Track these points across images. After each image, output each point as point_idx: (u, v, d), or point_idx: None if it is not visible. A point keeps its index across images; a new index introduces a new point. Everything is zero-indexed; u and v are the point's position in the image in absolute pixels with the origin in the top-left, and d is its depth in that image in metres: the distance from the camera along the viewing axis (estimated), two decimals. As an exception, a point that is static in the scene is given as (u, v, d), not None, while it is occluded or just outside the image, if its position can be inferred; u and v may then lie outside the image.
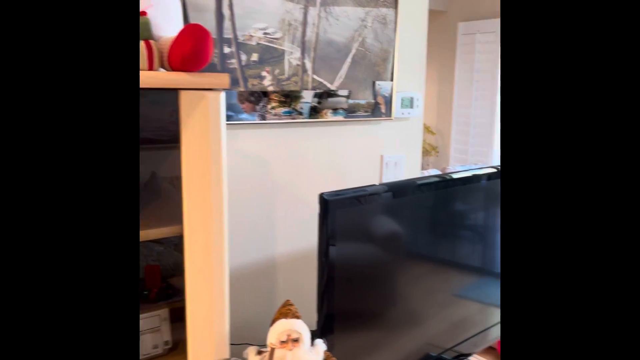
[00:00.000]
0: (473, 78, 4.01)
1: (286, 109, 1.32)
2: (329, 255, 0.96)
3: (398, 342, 1.11)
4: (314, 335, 0.96)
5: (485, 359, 2.28)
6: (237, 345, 1.19)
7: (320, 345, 0.90)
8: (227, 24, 1.20)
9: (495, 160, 4.01)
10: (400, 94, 1.54)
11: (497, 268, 1.35)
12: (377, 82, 1.47)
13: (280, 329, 0.86)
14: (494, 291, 1.36)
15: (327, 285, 0.96)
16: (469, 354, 1.34)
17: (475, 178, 1.23)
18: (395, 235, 1.09)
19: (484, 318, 1.34)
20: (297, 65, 1.32)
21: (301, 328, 0.87)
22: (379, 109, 1.48)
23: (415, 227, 1.12)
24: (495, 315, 1.39)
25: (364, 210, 1.02)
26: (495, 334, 1.41)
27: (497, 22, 3.78)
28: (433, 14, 4.18)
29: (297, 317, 0.89)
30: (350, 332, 1.01)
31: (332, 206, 0.96)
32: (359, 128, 1.49)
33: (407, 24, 1.54)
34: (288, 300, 0.93)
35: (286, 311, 0.90)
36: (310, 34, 1.33)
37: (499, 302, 1.38)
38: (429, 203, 1.14)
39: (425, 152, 4.26)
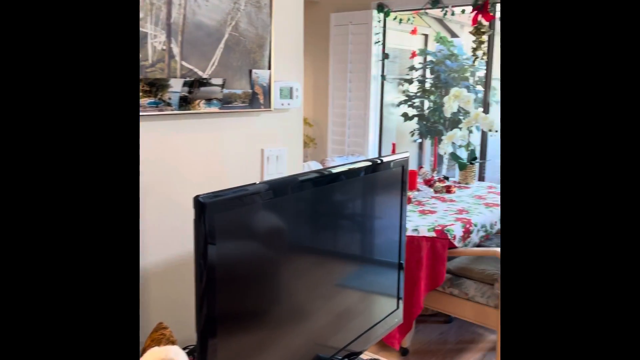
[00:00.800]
0: (347, 69, 4.05)
1: (152, 100, 1.16)
2: (207, 260, 0.85)
3: (286, 340, 1.05)
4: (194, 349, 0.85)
5: (373, 353, 2.29)
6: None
7: (202, 371, 0.78)
8: None
9: (371, 150, 4.10)
10: (279, 83, 1.45)
11: (377, 255, 1.35)
12: (254, 71, 1.36)
13: (152, 359, 0.73)
14: (375, 278, 1.35)
15: (206, 290, 0.86)
16: (360, 352, 1.30)
17: (355, 172, 1.20)
18: (279, 233, 1.01)
19: (367, 306, 1.32)
20: (163, 50, 1.17)
21: (177, 355, 0.74)
22: (257, 99, 1.38)
23: (300, 223, 1.07)
24: (379, 304, 1.37)
25: (245, 212, 0.93)
26: (383, 328, 1.39)
27: (369, 13, 3.85)
28: (306, 4, 4.16)
29: (173, 343, 0.76)
30: (235, 334, 0.93)
31: (209, 209, 0.85)
32: (237, 120, 1.37)
33: (282, 9, 1.45)
34: (161, 323, 0.80)
35: (159, 337, 0.77)
36: (176, 15, 1.18)
37: (380, 289, 1.38)
38: (312, 198, 1.09)
39: (304, 144, 4.24)
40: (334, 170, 1.13)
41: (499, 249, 2.15)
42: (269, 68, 1.39)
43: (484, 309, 2.21)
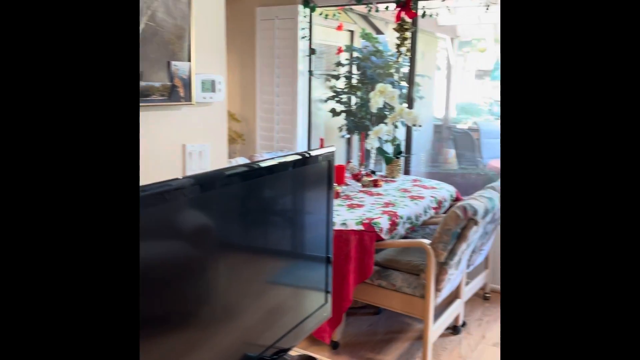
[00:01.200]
0: (274, 64, 4.02)
1: (60, 93, 1.08)
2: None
3: (212, 341, 1.01)
4: None
5: (303, 348, 2.28)
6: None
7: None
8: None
9: (299, 145, 4.10)
10: (200, 76, 1.40)
11: (305, 250, 1.34)
12: (173, 63, 1.30)
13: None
14: (303, 273, 1.35)
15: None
16: (289, 348, 1.29)
17: (283, 165, 1.18)
18: (205, 230, 0.98)
19: (296, 302, 1.31)
20: (72, 39, 1.09)
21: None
22: (176, 92, 1.32)
23: (227, 219, 1.04)
24: (307, 299, 1.36)
25: (166, 209, 0.89)
26: (312, 323, 1.39)
27: (294, 8, 3.83)
28: (231, -2, 4.07)
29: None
30: (158, 337, 0.89)
31: (123, 208, 0.80)
32: (155, 114, 1.31)
33: (204, -1, 1.41)
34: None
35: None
36: (86, 1, 1.11)
37: (308, 284, 1.37)
38: (240, 193, 1.06)
39: (232, 140, 4.16)
40: (261, 165, 1.11)
41: (424, 240, 2.21)
42: (189, 60, 1.34)
43: (411, 299, 2.26)
